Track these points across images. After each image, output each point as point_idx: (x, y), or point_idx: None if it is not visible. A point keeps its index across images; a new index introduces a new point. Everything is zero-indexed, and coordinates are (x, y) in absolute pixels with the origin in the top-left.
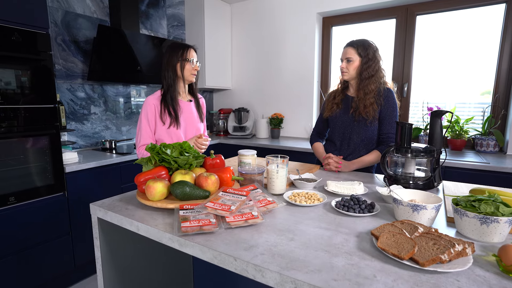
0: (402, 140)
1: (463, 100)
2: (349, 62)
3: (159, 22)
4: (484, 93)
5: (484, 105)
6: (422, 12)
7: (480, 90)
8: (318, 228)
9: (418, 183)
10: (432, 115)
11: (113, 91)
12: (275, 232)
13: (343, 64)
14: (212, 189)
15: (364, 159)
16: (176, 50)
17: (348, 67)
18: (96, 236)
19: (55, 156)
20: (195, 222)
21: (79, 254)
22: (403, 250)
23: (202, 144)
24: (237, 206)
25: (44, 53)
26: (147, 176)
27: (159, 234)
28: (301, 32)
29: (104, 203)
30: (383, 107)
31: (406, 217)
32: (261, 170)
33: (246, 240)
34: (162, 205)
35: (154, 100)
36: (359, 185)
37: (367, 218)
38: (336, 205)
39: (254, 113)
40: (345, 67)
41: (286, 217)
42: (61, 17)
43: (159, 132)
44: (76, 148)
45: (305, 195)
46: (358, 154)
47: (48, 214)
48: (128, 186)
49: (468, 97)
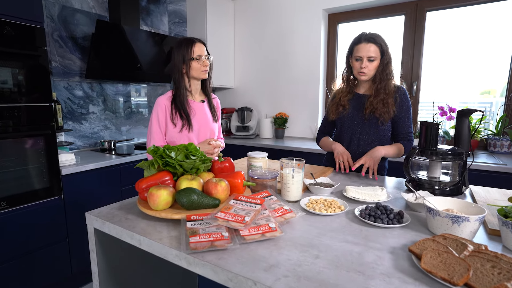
0: (428, 141)
1: (475, 99)
2: (371, 61)
3: (160, 18)
4: (484, 91)
5: (486, 105)
6: (432, 8)
7: (493, 88)
8: (345, 242)
9: (444, 188)
10: (459, 115)
11: (112, 90)
12: (297, 248)
13: (364, 64)
14: (222, 196)
15: (388, 150)
16: (180, 49)
17: (370, 66)
18: (92, 248)
19: (51, 158)
20: (205, 237)
21: (77, 260)
22: (454, 273)
23: (212, 151)
24: (251, 217)
25: (39, 49)
26: (149, 182)
27: (164, 250)
28: (306, 29)
29: (101, 212)
30: (398, 106)
31: (443, 230)
32: (274, 175)
33: (265, 257)
34: (166, 216)
35: (165, 100)
36: (382, 191)
37: (397, 230)
38: (361, 214)
39: (258, 112)
40: (367, 66)
41: (307, 229)
42: (57, 12)
43: (171, 135)
44: (74, 149)
45: (324, 202)
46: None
47: (44, 219)
48: (128, 189)
49: (479, 96)
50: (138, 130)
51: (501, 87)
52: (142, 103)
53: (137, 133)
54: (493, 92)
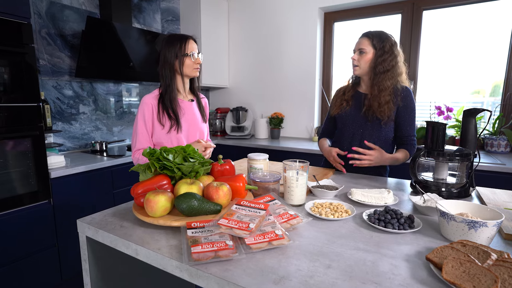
0: (434, 141)
1: (467, 99)
2: (361, 54)
3: (153, 16)
4: (474, 91)
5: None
6: (429, 7)
7: (482, 88)
8: (356, 249)
9: (451, 190)
10: (465, 114)
11: (103, 89)
12: (306, 257)
13: (354, 56)
14: (224, 201)
15: (396, 156)
16: (173, 44)
17: (360, 59)
18: (84, 258)
19: (39, 160)
20: (208, 246)
21: (66, 266)
22: (480, 285)
23: (205, 152)
24: (256, 223)
25: (26, 46)
26: (146, 187)
27: (163, 261)
28: (302, 28)
29: (94, 220)
30: (402, 107)
31: (459, 236)
32: (277, 178)
33: (274, 268)
34: (165, 223)
35: (151, 99)
36: (389, 194)
37: (409, 236)
38: (370, 219)
39: (253, 112)
40: (357, 59)
41: (314, 235)
42: (45, 8)
43: (158, 136)
44: (63, 150)
45: (329, 206)
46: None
47: (32, 225)
48: (121, 191)
49: (470, 96)
50: (130, 130)
51: (490, 87)
52: (134, 103)
53: (129, 134)
54: (482, 92)
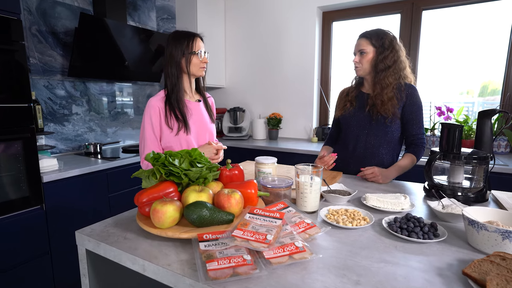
0: (449, 144)
1: (469, 99)
2: (362, 54)
3: (148, 14)
4: (462, 92)
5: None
6: (428, 7)
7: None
8: (383, 262)
9: (468, 194)
10: (480, 116)
11: (97, 89)
12: (331, 271)
13: (356, 58)
14: (236, 210)
15: (401, 164)
16: (180, 42)
17: (362, 60)
18: (84, 273)
19: (31, 164)
20: (225, 262)
21: (60, 275)
22: None
23: (218, 156)
24: (274, 235)
25: (15, 43)
26: (152, 195)
27: (174, 278)
28: (300, 28)
29: (94, 231)
30: (407, 105)
31: (491, 246)
32: (288, 183)
33: (298, 286)
34: (173, 235)
35: (157, 102)
36: (405, 199)
37: (434, 245)
38: (392, 228)
39: (251, 113)
40: (359, 60)
41: (335, 246)
42: (36, 4)
43: (167, 139)
44: (56, 153)
45: (346, 213)
46: (377, 158)
47: (23, 232)
48: (116, 195)
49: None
50: (125, 132)
51: (478, 87)
52: (129, 103)
53: (124, 135)
54: (471, 92)
